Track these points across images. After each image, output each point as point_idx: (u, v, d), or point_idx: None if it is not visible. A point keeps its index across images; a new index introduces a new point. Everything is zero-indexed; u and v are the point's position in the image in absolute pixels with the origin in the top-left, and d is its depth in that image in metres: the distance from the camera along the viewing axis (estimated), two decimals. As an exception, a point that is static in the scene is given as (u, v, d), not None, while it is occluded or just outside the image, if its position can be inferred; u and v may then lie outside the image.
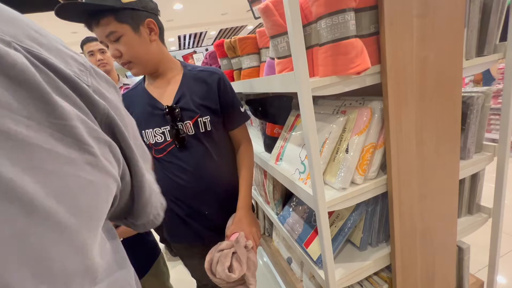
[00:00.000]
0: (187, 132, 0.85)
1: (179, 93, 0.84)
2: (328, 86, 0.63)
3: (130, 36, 0.74)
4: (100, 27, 0.71)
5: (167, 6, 4.88)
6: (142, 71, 0.83)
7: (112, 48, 0.75)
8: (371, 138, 0.74)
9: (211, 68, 0.91)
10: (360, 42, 0.62)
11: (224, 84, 0.88)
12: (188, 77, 0.87)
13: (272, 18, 0.68)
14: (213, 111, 0.86)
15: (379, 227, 0.87)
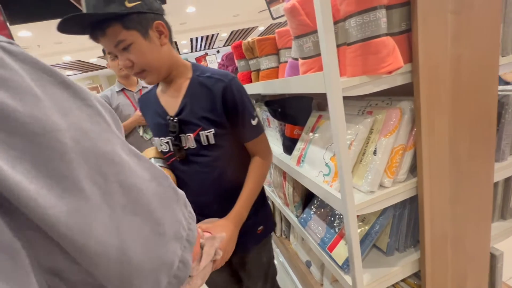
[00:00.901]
0: (188, 146, 0.79)
1: (182, 103, 0.78)
2: (358, 86, 0.62)
3: (140, 43, 0.69)
4: (106, 37, 0.66)
5: (180, 9, 4.96)
6: (156, 79, 0.77)
7: (123, 58, 0.70)
8: (400, 139, 0.71)
9: (219, 73, 0.80)
10: (391, 41, 0.60)
11: (232, 94, 0.77)
12: (194, 84, 0.79)
13: (298, 18, 0.67)
14: (218, 124, 0.78)
15: (407, 232, 0.84)
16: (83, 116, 0.24)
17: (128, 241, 0.25)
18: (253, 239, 0.90)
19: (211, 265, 0.64)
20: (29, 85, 0.20)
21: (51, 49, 6.06)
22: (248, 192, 0.83)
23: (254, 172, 0.85)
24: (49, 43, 5.60)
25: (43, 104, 0.20)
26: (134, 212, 0.26)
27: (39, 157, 0.20)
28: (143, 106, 0.90)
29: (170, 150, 0.82)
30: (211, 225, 0.73)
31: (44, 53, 6.15)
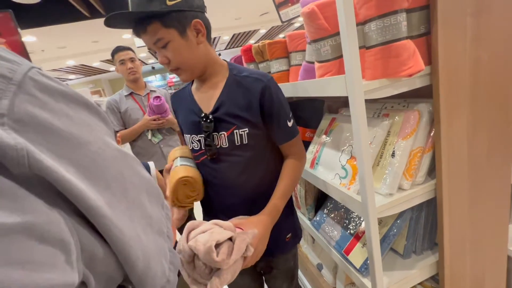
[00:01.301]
0: (220, 144, 0.78)
1: (218, 101, 0.78)
2: (378, 89, 0.62)
3: (177, 41, 0.70)
4: (147, 34, 0.68)
5: (183, 13, 5.00)
6: (190, 76, 0.78)
7: (160, 55, 0.72)
8: (419, 142, 0.72)
9: (257, 73, 0.79)
10: (412, 44, 0.60)
11: (270, 94, 0.76)
12: (231, 83, 0.78)
13: (317, 22, 0.67)
14: (253, 124, 0.76)
15: (424, 234, 0.84)
16: (101, 130, 0.30)
17: (138, 229, 0.30)
18: (281, 247, 0.87)
19: (241, 262, 0.63)
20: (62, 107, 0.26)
21: (55, 54, 6.10)
22: (284, 186, 0.78)
23: (289, 170, 0.81)
24: (53, 48, 5.64)
25: (75, 122, 0.26)
26: (138, 206, 0.31)
27: (81, 163, 0.25)
28: (176, 103, 0.90)
29: (201, 148, 0.81)
30: (244, 221, 0.71)
31: (48, 57, 6.20)
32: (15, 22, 1.43)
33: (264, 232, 0.72)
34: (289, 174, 0.80)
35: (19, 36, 1.43)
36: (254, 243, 0.67)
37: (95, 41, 5.68)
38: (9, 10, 1.41)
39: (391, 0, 0.57)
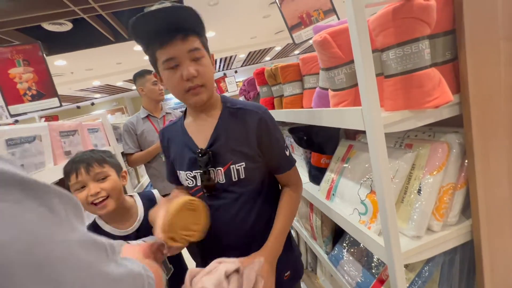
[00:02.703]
0: (217, 180, 0.75)
1: (214, 135, 0.75)
2: (400, 122, 0.56)
3: (207, 59, 0.72)
4: (187, 41, 0.67)
5: (201, 34, 5.21)
6: (207, 97, 0.74)
7: (192, 67, 0.68)
8: (449, 177, 0.64)
9: (251, 105, 0.78)
10: (437, 72, 0.54)
11: (266, 126, 0.75)
12: (226, 115, 0.77)
13: (330, 51, 0.63)
14: (250, 157, 0.74)
15: (460, 281, 0.73)
16: (34, 219, 0.21)
17: None
18: (279, 286, 0.81)
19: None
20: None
21: (83, 75, 6.53)
22: (280, 226, 0.76)
23: (286, 206, 0.79)
24: (81, 70, 6.05)
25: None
26: None
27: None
28: (167, 138, 0.87)
29: (197, 184, 0.78)
30: (245, 258, 0.68)
31: (76, 79, 6.64)
32: (43, 52, 1.53)
33: (270, 267, 0.69)
34: (286, 212, 0.78)
35: (46, 65, 1.53)
36: (263, 274, 0.64)
37: (118, 62, 6.03)
38: (38, 41, 1.51)
39: (412, 27, 0.52)
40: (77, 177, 0.79)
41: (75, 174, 0.79)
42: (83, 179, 0.79)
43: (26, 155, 0.79)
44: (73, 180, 0.79)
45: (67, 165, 0.81)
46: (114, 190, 0.83)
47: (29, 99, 1.48)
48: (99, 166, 0.82)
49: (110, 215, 0.84)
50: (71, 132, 1.10)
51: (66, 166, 0.81)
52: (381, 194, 0.55)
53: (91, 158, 0.82)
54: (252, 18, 5.02)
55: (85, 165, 0.80)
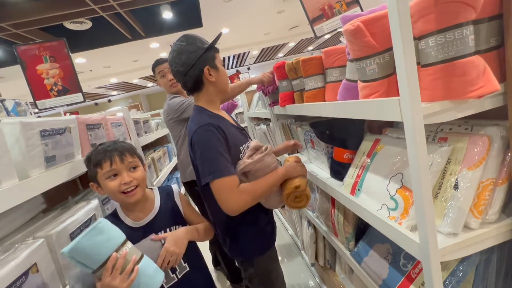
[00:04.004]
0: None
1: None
2: (438, 113, 0.53)
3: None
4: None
5: (215, 31, 5.22)
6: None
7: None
8: (489, 172, 0.60)
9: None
10: (481, 60, 0.51)
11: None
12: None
13: (362, 40, 0.61)
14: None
15: (497, 282, 0.70)
16: None
17: None
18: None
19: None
20: None
21: (101, 73, 6.72)
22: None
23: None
24: (99, 67, 6.22)
25: None
26: None
27: None
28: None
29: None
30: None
31: (95, 76, 6.84)
32: (68, 48, 1.58)
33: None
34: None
35: (70, 61, 1.57)
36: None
37: (135, 60, 6.15)
38: (63, 38, 1.56)
39: (456, 12, 0.49)
40: (111, 165, 0.78)
41: (109, 162, 0.78)
42: (118, 167, 0.79)
43: (57, 146, 0.82)
44: (106, 168, 0.78)
45: (98, 153, 0.79)
46: (143, 180, 0.84)
47: (55, 94, 1.53)
48: (131, 156, 0.83)
49: (132, 205, 0.84)
50: (96, 126, 1.13)
51: (97, 154, 0.79)
52: (419, 188, 0.53)
53: (123, 148, 0.82)
54: (266, 14, 4.97)
55: (119, 153, 0.80)
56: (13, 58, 4.26)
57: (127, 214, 0.85)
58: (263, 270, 1.01)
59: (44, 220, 0.84)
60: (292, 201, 0.95)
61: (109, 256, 0.63)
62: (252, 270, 1.01)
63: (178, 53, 0.92)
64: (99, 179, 0.80)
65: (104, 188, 0.80)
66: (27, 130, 0.70)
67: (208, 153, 0.84)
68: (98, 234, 0.63)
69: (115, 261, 0.63)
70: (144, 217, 0.86)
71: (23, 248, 0.64)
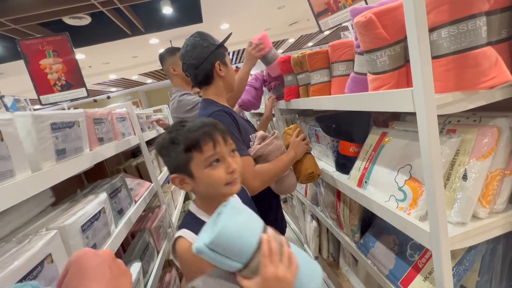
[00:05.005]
0: None
1: None
2: (450, 103, 0.54)
3: None
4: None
5: (215, 27, 5.19)
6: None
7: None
8: (498, 163, 0.61)
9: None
10: (493, 51, 0.52)
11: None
12: None
13: (374, 31, 0.62)
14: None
15: (502, 271, 0.71)
16: None
17: None
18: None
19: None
20: None
21: (100, 69, 6.68)
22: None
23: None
24: (99, 64, 6.18)
25: None
26: None
27: None
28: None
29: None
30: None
31: (94, 72, 6.80)
32: (71, 43, 1.57)
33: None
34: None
35: (74, 56, 1.57)
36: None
37: (134, 56, 6.12)
38: (66, 32, 1.55)
39: (469, 3, 0.50)
40: (215, 147, 0.59)
41: (212, 144, 0.59)
42: (221, 150, 0.61)
43: (67, 139, 0.82)
44: (208, 152, 0.59)
45: (192, 132, 0.60)
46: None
47: (58, 89, 1.53)
48: (229, 137, 0.65)
49: (216, 201, 0.61)
50: (103, 120, 1.13)
51: (191, 133, 0.60)
52: (431, 177, 0.54)
53: (220, 126, 0.64)
54: (266, 9, 4.95)
55: (221, 133, 0.62)
56: (12, 54, 4.22)
57: (210, 213, 0.61)
58: None
59: (55, 213, 0.85)
60: (305, 180, 1.06)
61: (259, 241, 0.46)
62: None
63: (192, 47, 0.97)
64: (194, 167, 0.60)
65: (201, 179, 0.61)
66: (38, 123, 0.70)
67: None
68: (239, 213, 0.47)
69: (268, 244, 0.45)
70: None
71: (38, 239, 0.65)
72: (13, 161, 0.60)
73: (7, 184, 0.56)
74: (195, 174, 0.61)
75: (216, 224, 0.44)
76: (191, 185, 0.64)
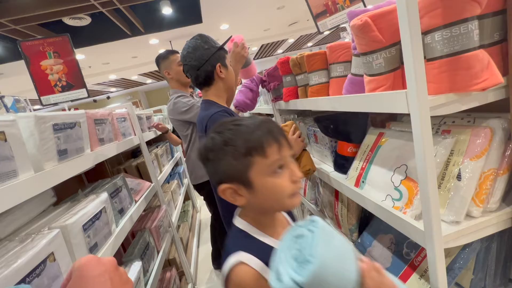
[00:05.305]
0: None
1: None
2: (444, 105, 0.55)
3: None
4: None
5: (215, 27, 5.20)
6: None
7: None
8: (491, 163, 0.63)
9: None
10: (486, 54, 0.53)
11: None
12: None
13: (370, 34, 0.63)
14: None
15: (496, 269, 0.72)
16: None
17: None
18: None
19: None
20: None
21: (100, 69, 6.69)
22: None
23: None
24: (98, 64, 6.19)
25: None
26: None
27: None
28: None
29: None
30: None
31: (94, 73, 6.81)
32: (72, 44, 1.58)
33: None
34: None
35: (74, 57, 1.58)
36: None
37: (134, 56, 6.13)
38: (67, 34, 1.56)
39: (461, 7, 0.51)
40: (280, 151, 0.50)
41: (277, 146, 0.50)
42: (286, 154, 0.52)
43: (68, 140, 0.84)
44: (273, 156, 0.49)
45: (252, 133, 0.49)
46: None
47: (59, 90, 1.54)
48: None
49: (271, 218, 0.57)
50: (103, 120, 1.14)
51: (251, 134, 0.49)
52: (425, 177, 0.55)
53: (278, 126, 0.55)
54: (266, 9, 4.96)
55: (282, 134, 0.53)
56: (12, 55, 4.24)
57: (265, 231, 0.56)
58: None
59: (56, 212, 0.86)
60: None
61: (358, 272, 0.39)
62: None
63: (194, 49, 0.99)
64: (255, 174, 0.50)
65: (262, 190, 0.50)
66: (40, 124, 0.72)
67: None
68: (332, 238, 0.39)
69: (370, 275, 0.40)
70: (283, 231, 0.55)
71: (40, 238, 0.66)
72: (16, 161, 0.61)
73: (10, 184, 0.57)
74: (255, 183, 0.50)
75: (306, 254, 0.36)
76: (246, 198, 0.52)
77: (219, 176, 0.53)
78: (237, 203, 0.54)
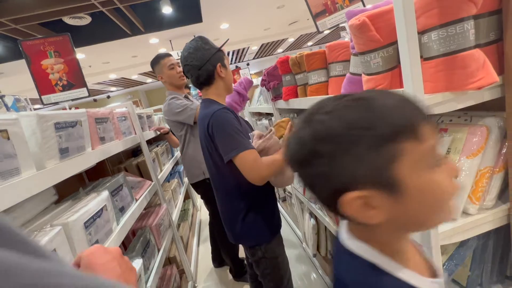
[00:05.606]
0: None
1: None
2: (440, 103, 0.56)
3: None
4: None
5: (215, 26, 5.20)
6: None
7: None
8: (487, 161, 0.63)
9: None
10: (481, 53, 0.54)
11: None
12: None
13: (367, 34, 0.64)
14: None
15: (492, 266, 0.73)
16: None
17: None
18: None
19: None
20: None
21: (100, 69, 6.70)
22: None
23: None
24: (99, 63, 6.20)
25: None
26: None
27: None
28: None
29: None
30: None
31: (94, 72, 6.82)
32: (72, 43, 1.59)
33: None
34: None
35: (75, 56, 1.59)
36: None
37: (134, 55, 6.13)
38: (68, 33, 1.57)
39: (457, 7, 0.52)
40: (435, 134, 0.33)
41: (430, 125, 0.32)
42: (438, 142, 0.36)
43: (70, 138, 0.84)
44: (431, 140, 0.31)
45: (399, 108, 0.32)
46: None
47: (60, 89, 1.55)
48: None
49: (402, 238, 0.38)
50: (104, 119, 1.15)
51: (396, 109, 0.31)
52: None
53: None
54: (266, 9, 4.96)
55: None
56: (13, 54, 4.24)
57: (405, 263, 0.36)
58: (270, 254, 1.07)
59: (58, 210, 0.87)
60: None
61: None
62: (260, 254, 1.06)
63: (195, 50, 1.01)
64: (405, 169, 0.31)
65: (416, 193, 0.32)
66: (42, 122, 0.72)
67: (230, 131, 0.91)
68: None
69: None
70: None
71: (42, 235, 0.67)
72: (18, 159, 0.62)
73: (13, 181, 0.58)
74: (406, 184, 0.31)
75: None
76: (385, 210, 0.32)
77: (341, 179, 0.33)
78: (370, 221, 0.33)
